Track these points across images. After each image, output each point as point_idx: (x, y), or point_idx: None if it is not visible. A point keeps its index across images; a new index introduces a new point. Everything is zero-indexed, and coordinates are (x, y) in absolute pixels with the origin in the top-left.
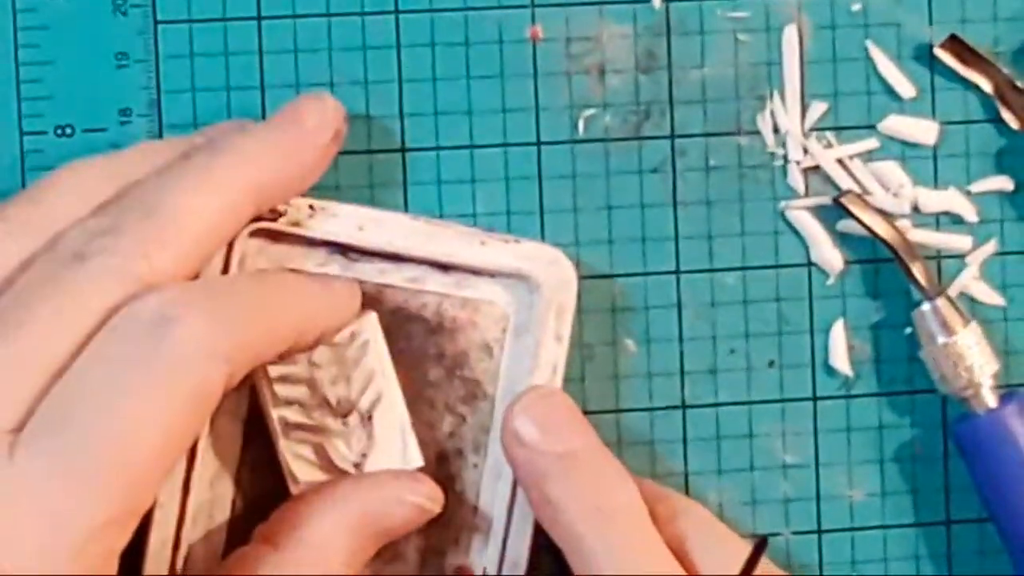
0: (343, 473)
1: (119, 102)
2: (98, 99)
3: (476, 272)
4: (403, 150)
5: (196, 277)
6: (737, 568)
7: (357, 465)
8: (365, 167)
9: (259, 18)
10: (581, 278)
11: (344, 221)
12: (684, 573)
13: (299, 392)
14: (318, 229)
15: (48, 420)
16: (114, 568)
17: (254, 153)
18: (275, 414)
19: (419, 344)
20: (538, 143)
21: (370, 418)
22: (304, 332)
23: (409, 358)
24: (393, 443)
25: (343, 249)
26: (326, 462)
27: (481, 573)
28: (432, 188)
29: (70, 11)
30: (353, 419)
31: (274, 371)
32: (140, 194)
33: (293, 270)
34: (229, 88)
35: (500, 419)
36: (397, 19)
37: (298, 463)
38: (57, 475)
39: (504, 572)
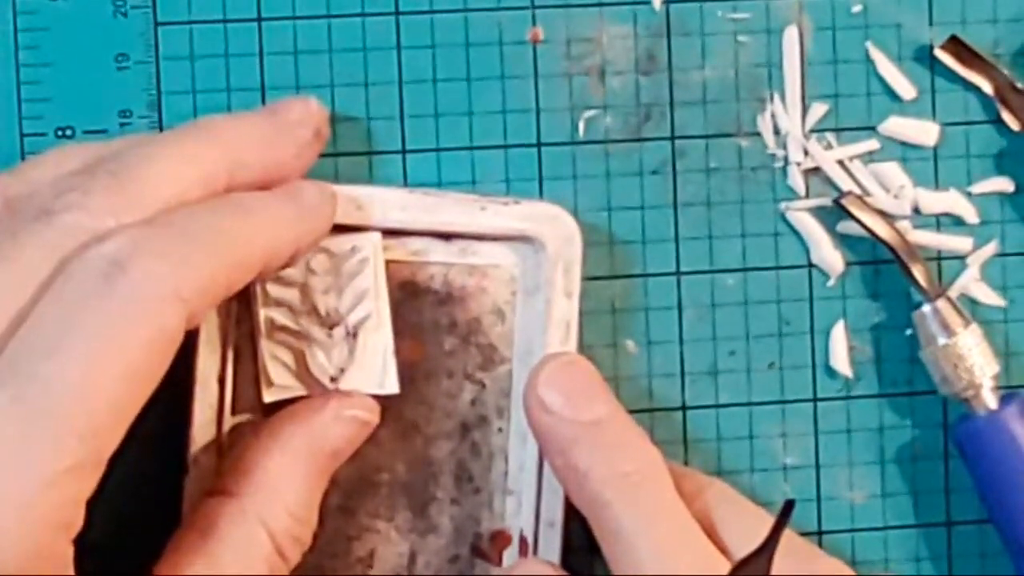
0: (318, 383)
1: (119, 103)
2: (98, 100)
3: (479, 238)
4: (404, 151)
5: None
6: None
7: (333, 379)
8: (365, 168)
9: (259, 19)
10: (584, 279)
11: (341, 201)
12: (708, 540)
13: (290, 295)
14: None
15: (4, 368)
16: (80, 516)
17: (232, 132)
18: (263, 313)
19: (430, 316)
20: (538, 144)
21: (355, 335)
22: (274, 255)
23: (422, 330)
24: (373, 364)
25: (343, 229)
26: (303, 370)
27: (519, 536)
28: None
29: (70, 13)
30: (338, 332)
31: None
32: (114, 159)
33: None
34: (229, 89)
35: (520, 382)
36: (397, 20)
37: (275, 366)
38: (14, 422)
39: (540, 532)
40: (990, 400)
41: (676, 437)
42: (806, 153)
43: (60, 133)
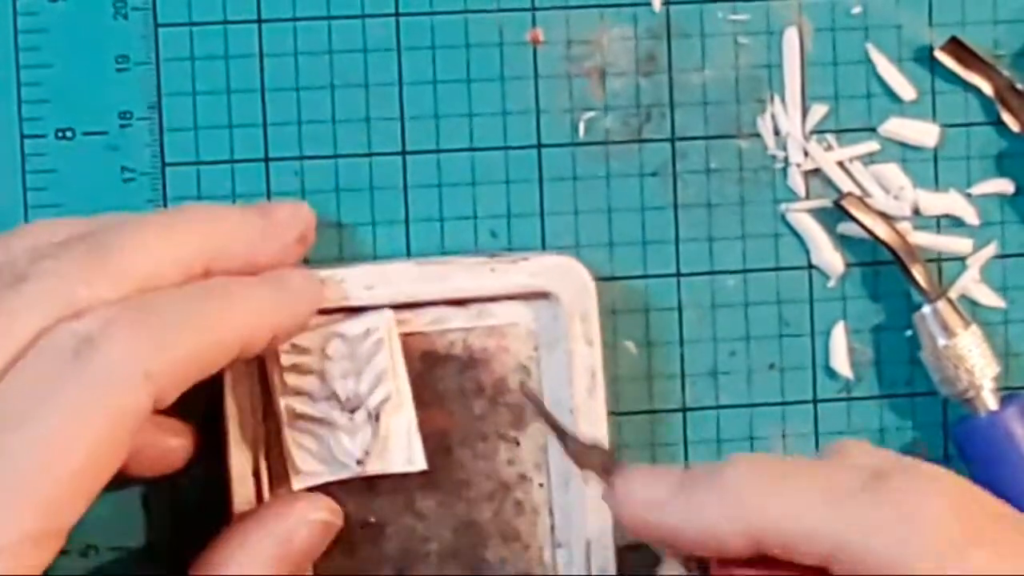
0: (345, 467)
1: (119, 105)
2: (98, 102)
3: (494, 299)
4: (403, 153)
5: None
6: None
7: (360, 462)
8: (365, 170)
9: (259, 21)
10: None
11: (352, 284)
12: None
13: (308, 383)
14: (329, 298)
15: None
16: None
17: (215, 221)
18: (282, 402)
19: (455, 382)
20: (538, 146)
21: (377, 417)
22: (252, 339)
23: (450, 398)
24: (398, 444)
25: (355, 311)
26: (329, 456)
27: None
28: (433, 191)
29: (71, 14)
30: (360, 415)
31: (286, 359)
32: (93, 232)
33: None
34: (229, 91)
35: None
36: (397, 22)
37: (301, 453)
38: None
39: None
40: (990, 401)
41: (677, 438)
42: (806, 154)
43: (60, 134)
